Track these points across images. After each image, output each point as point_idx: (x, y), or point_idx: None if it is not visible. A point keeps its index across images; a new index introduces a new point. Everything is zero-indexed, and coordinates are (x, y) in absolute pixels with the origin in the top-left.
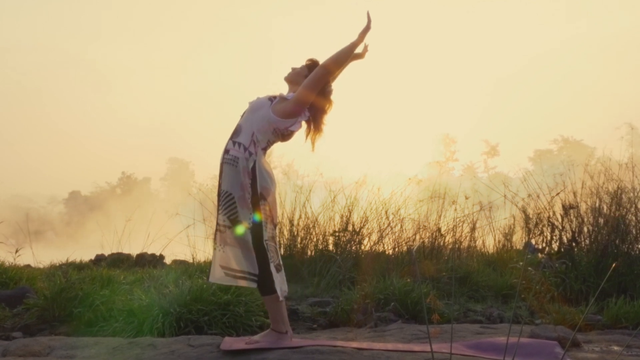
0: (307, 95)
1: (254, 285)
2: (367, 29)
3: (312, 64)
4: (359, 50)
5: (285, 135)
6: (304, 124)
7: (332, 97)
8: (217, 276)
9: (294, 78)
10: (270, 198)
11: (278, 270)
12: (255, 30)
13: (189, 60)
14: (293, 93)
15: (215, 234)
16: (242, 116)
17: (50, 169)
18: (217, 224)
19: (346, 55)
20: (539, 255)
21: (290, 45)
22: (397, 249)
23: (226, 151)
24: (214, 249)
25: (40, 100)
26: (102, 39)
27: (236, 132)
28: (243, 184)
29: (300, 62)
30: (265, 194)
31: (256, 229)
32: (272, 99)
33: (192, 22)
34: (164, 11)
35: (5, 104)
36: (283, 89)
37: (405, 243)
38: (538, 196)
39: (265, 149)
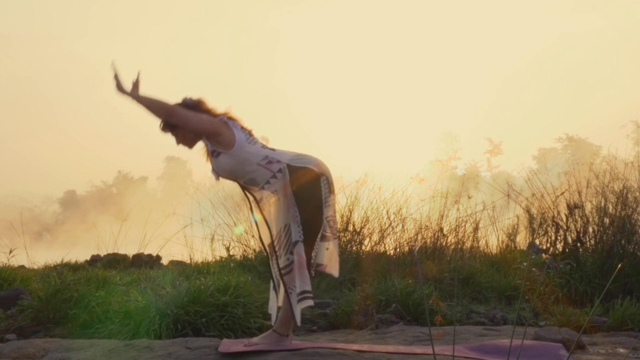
0: (194, 122)
1: (311, 302)
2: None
3: (169, 116)
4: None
5: (250, 134)
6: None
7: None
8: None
9: (190, 135)
10: (324, 166)
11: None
12: (252, 24)
13: (185, 56)
14: (207, 140)
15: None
16: (238, 183)
17: (44, 168)
18: (280, 268)
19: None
20: (543, 255)
21: (288, 39)
22: (398, 250)
23: (259, 200)
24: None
25: (34, 97)
26: (94, 33)
27: (252, 183)
28: (290, 198)
29: (301, 57)
30: (317, 168)
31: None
32: (216, 151)
33: (188, 17)
34: (159, 6)
35: None
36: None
37: (407, 243)
38: (542, 195)
39: (272, 149)
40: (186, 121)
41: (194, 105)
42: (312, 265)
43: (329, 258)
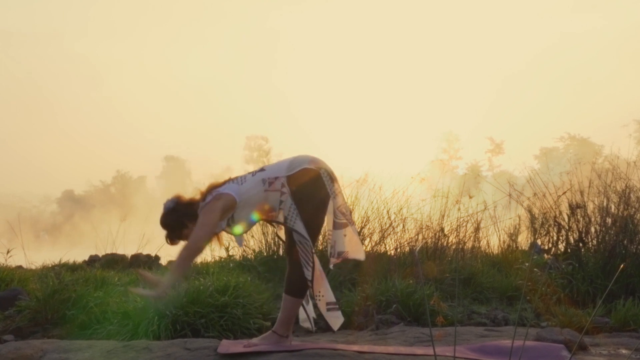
0: (207, 232)
1: (338, 313)
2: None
3: (197, 252)
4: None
5: (231, 180)
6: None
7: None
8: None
9: None
10: (319, 161)
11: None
12: (252, 24)
13: (185, 55)
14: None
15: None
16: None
17: (43, 168)
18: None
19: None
20: (545, 256)
21: (288, 39)
22: (399, 250)
23: (284, 222)
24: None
25: (33, 96)
26: (93, 32)
27: (269, 210)
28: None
29: (301, 57)
30: (313, 165)
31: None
32: (228, 218)
33: (188, 17)
34: (159, 5)
35: None
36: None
37: (408, 243)
38: (544, 195)
39: (260, 169)
40: (202, 238)
41: (176, 206)
42: (334, 255)
43: (348, 244)
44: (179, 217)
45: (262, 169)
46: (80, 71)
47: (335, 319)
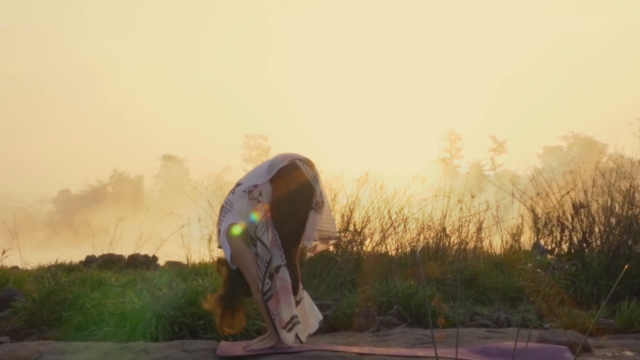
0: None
1: (301, 327)
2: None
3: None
4: None
5: (220, 217)
6: None
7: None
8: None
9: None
10: (290, 154)
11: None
12: (252, 24)
13: (184, 54)
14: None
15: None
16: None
17: (39, 167)
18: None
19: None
20: (548, 256)
21: (287, 38)
22: (400, 250)
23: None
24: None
25: (30, 96)
26: (93, 32)
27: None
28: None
29: (301, 57)
30: (288, 159)
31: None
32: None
33: (187, 16)
34: (159, 5)
35: None
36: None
37: (409, 244)
38: (547, 195)
39: (238, 184)
40: (255, 275)
41: (220, 298)
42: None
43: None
44: (228, 291)
45: (238, 184)
46: (79, 71)
47: (289, 335)
